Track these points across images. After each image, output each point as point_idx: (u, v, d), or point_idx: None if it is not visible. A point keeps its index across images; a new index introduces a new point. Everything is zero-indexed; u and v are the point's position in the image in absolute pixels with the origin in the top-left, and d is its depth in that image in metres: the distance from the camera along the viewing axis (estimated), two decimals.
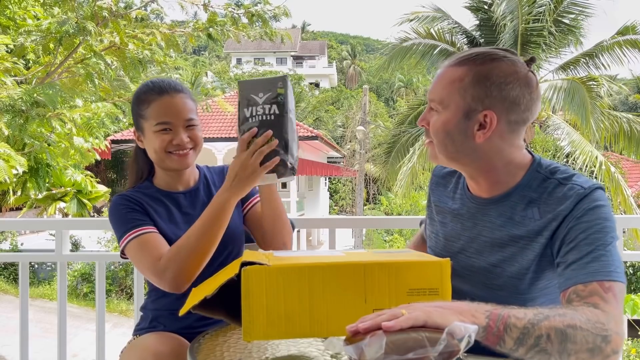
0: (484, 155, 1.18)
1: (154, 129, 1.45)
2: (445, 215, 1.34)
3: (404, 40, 12.01)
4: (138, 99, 1.50)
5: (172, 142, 1.45)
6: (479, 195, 1.25)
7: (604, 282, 1.00)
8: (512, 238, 1.17)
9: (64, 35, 5.37)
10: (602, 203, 1.10)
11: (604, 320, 0.92)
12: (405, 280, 1.00)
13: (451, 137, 1.17)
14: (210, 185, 1.60)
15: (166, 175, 1.54)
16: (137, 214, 1.44)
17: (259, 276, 0.96)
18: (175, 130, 1.45)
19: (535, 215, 1.15)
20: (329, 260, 1.02)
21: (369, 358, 0.74)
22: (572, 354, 0.88)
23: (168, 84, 1.50)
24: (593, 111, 9.59)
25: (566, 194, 1.12)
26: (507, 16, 10.79)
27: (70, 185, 11.48)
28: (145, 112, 1.47)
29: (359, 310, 0.98)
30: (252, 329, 0.96)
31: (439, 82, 1.19)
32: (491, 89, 1.13)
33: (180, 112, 1.46)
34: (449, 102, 1.16)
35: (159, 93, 1.47)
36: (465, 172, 1.25)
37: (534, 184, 1.18)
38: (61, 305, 2.17)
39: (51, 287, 12.76)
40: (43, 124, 5.60)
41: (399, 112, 17.89)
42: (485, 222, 1.23)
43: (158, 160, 1.49)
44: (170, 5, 13.94)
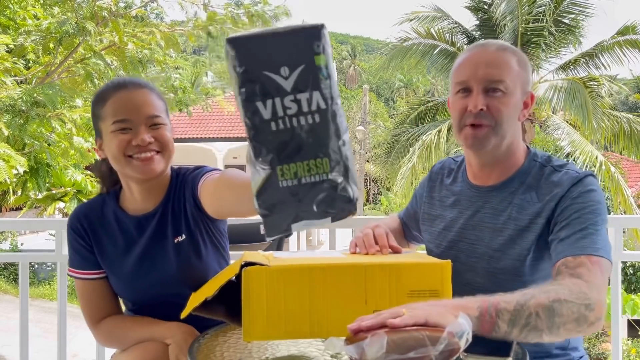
0: (515, 136, 1.26)
1: (110, 129, 1.24)
2: (445, 207, 1.37)
3: (404, 40, 12.02)
4: (96, 98, 1.30)
5: (131, 142, 1.22)
6: (480, 184, 1.30)
7: (592, 256, 1.07)
8: (512, 221, 1.22)
9: (64, 35, 5.37)
10: (595, 188, 1.18)
11: (587, 290, 0.98)
12: (406, 282, 1.00)
13: (511, 118, 1.23)
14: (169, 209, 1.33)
15: (130, 192, 1.33)
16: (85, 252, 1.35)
17: (259, 277, 0.96)
18: (135, 129, 1.23)
19: (534, 199, 1.22)
20: (330, 262, 1.02)
21: (370, 357, 0.74)
22: (560, 326, 0.93)
23: (129, 79, 1.30)
24: (594, 111, 9.60)
25: (562, 178, 1.20)
26: (507, 16, 10.79)
27: (70, 185, 11.47)
28: (101, 111, 1.26)
29: (359, 311, 0.97)
30: (252, 329, 0.96)
31: (499, 66, 1.21)
32: (529, 74, 1.27)
33: (140, 107, 1.24)
34: (514, 85, 1.22)
35: (117, 88, 1.26)
36: (494, 155, 1.25)
37: (532, 170, 1.25)
38: (61, 305, 2.16)
39: (51, 287, 12.75)
40: (43, 124, 5.60)
41: (399, 112, 17.90)
42: (487, 208, 1.27)
43: (119, 169, 1.28)
44: (170, 5, 13.95)
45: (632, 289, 10.36)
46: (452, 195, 1.36)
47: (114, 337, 1.37)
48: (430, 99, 13.25)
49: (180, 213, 1.33)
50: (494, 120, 1.21)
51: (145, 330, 1.32)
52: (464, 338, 0.78)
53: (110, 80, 1.38)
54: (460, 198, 1.34)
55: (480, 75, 1.21)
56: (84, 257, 1.36)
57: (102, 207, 1.38)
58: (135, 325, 1.35)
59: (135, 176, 1.27)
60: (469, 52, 1.27)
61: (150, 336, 1.29)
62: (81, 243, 1.36)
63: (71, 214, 1.38)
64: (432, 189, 1.44)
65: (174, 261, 1.31)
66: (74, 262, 1.38)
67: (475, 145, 1.23)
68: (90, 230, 1.36)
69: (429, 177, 1.47)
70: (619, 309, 2.11)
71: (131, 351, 1.35)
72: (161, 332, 1.28)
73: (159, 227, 1.32)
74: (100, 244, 1.36)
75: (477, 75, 1.21)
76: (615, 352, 2.11)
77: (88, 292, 1.38)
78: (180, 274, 1.31)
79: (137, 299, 1.39)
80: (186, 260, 1.31)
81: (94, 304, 1.38)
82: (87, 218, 1.37)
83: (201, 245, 1.34)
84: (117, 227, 1.36)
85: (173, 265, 1.31)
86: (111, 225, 1.36)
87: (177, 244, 1.32)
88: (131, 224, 1.34)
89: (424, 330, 0.77)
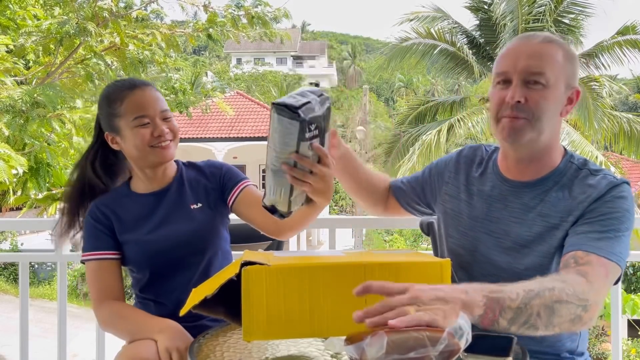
0: (554, 132, 1.23)
1: (132, 125, 1.42)
2: (472, 195, 1.33)
3: (404, 40, 12.02)
4: (108, 98, 1.46)
5: (152, 134, 1.42)
6: (513, 178, 1.27)
7: (602, 258, 1.07)
8: (541, 217, 1.21)
9: (65, 35, 5.38)
10: (628, 195, 1.18)
11: (587, 290, 0.99)
12: (406, 280, 0.99)
13: (551, 113, 1.20)
14: (185, 182, 1.54)
15: (145, 175, 1.51)
16: (101, 234, 1.47)
17: (259, 276, 0.96)
18: (153, 122, 1.43)
19: (566, 196, 1.20)
20: (329, 261, 1.02)
21: (370, 357, 0.74)
22: (556, 325, 0.95)
23: (137, 79, 1.49)
24: (595, 112, 9.59)
25: (599, 181, 1.18)
26: (507, 16, 10.79)
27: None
28: (120, 109, 1.43)
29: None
30: (252, 328, 0.96)
31: (540, 58, 1.18)
32: (576, 68, 1.23)
33: (155, 103, 1.44)
34: (556, 78, 1.18)
35: (131, 88, 1.44)
36: (531, 149, 1.23)
37: (568, 172, 1.23)
38: (61, 305, 2.16)
39: (51, 287, 12.76)
40: (43, 124, 5.60)
41: (399, 112, 17.89)
42: (518, 204, 1.25)
43: (140, 158, 1.46)
44: (170, 6, 13.97)
45: (632, 289, 10.37)
46: (481, 185, 1.33)
47: (112, 322, 1.44)
48: (430, 99, 13.26)
49: (198, 186, 1.53)
50: (531, 114, 1.17)
51: (140, 321, 1.39)
52: (464, 338, 0.78)
53: (117, 80, 1.52)
54: (490, 190, 1.30)
55: (520, 66, 1.17)
56: (99, 238, 1.47)
57: (117, 196, 1.53)
58: (132, 315, 1.43)
59: (155, 162, 1.46)
60: (512, 44, 1.24)
61: (141, 329, 1.36)
62: (98, 227, 1.48)
63: (90, 207, 1.52)
64: (458, 170, 1.39)
65: (189, 224, 1.48)
66: (87, 246, 1.48)
67: (511, 138, 1.20)
68: (111, 212, 1.49)
69: (457, 159, 1.41)
70: (619, 309, 2.11)
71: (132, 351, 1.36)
72: (152, 327, 1.34)
73: (177, 195, 1.52)
74: (120, 220, 1.48)
75: (517, 66, 1.18)
76: (615, 352, 2.11)
77: (97, 271, 1.46)
78: (194, 236, 1.47)
79: (151, 263, 1.48)
80: (200, 224, 1.48)
81: (101, 283, 1.46)
82: (105, 205, 1.50)
83: (215, 216, 1.52)
84: (136, 203, 1.51)
85: (188, 227, 1.47)
86: (129, 204, 1.51)
87: (193, 209, 1.50)
88: (150, 197, 1.51)
89: (424, 330, 0.78)
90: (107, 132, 1.49)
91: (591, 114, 9.50)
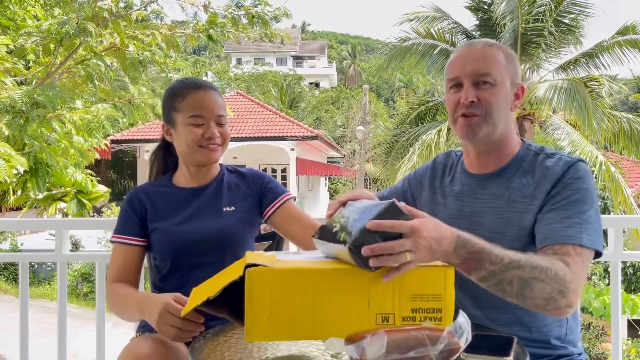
0: (507, 125, 1.34)
1: (186, 121, 1.50)
2: (445, 197, 1.44)
3: (404, 40, 12.01)
4: (172, 92, 1.55)
5: (204, 135, 1.50)
6: (478, 172, 1.38)
7: (577, 247, 1.16)
8: (508, 203, 1.30)
9: (65, 36, 5.37)
10: (587, 174, 1.27)
11: (569, 279, 1.08)
12: (409, 286, 1.00)
13: (502, 108, 1.31)
14: (224, 184, 1.61)
15: (188, 171, 1.59)
16: (130, 221, 1.55)
17: (262, 278, 0.97)
18: (207, 124, 1.50)
19: (529, 181, 1.30)
20: (333, 265, 1.02)
21: (370, 357, 0.75)
22: (527, 298, 1.05)
23: (203, 81, 1.57)
24: (595, 112, 9.58)
25: (556, 162, 1.29)
26: (507, 16, 10.78)
27: (70, 185, 11.47)
28: (180, 104, 1.52)
29: (361, 315, 0.98)
30: (254, 330, 0.97)
31: (485, 60, 1.30)
32: (517, 67, 1.35)
33: (213, 107, 1.52)
34: (502, 77, 1.30)
35: (195, 87, 1.53)
36: (488, 142, 1.33)
37: (527, 157, 1.34)
38: (61, 305, 2.16)
39: (51, 287, 12.75)
40: (43, 124, 5.60)
41: (399, 112, 17.89)
42: (485, 194, 1.35)
43: (187, 154, 1.54)
44: (170, 7, 13.95)
45: (632, 289, 10.36)
46: (452, 186, 1.43)
47: (116, 300, 1.49)
48: (430, 99, 13.24)
49: (236, 191, 1.61)
50: (484, 110, 1.29)
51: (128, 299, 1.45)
52: (464, 337, 0.78)
53: (186, 78, 1.60)
54: (460, 187, 1.40)
55: (468, 70, 1.30)
56: (127, 224, 1.55)
57: (158, 185, 1.62)
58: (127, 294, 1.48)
59: (201, 161, 1.54)
60: (458, 52, 1.36)
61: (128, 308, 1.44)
62: (130, 214, 1.56)
63: (130, 192, 1.60)
64: (434, 177, 1.49)
65: (217, 223, 1.54)
66: (117, 229, 1.57)
67: (469, 134, 1.31)
68: (148, 199, 1.57)
69: (432, 166, 1.53)
70: (619, 309, 2.11)
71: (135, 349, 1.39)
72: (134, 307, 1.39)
73: (213, 194, 1.59)
74: (155, 208, 1.56)
75: (465, 70, 1.30)
76: (615, 352, 2.11)
77: (119, 253, 1.54)
78: (218, 235, 1.52)
79: (173, 253, 1.53)
80: (227, 226, 1.54)
81: (119, 264, 1.53)
82: (145, 193, 1.59)
83: (244, 222, 1.59)
84: (173, 195, 1.59)
85: (215, 226, 1.53)
86: (167, 195, 1.59)
87: (225, 211, 1.57)
88: (187, 192, 1.59)
89: (424, 330, 0.78)
90: (164, 122, 1.58)
91: (590, 114, 9.49)
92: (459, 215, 1.37)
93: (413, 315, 0.98)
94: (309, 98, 38.62)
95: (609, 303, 2.22)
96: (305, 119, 32.74)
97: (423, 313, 0.98)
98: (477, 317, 1.31)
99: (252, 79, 35.37)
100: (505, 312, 1.30)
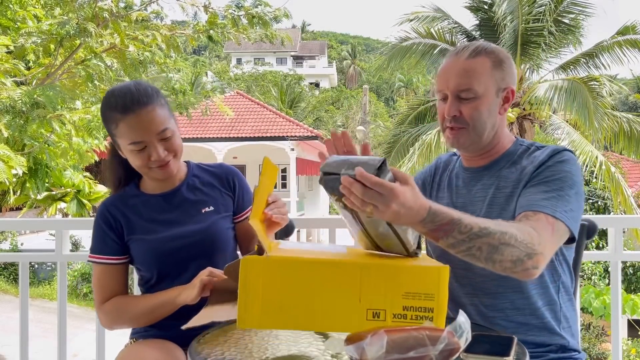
0: (496, 127, 1.37)
1: (128, 148, 1.39)
2: (443, 190, 1.50)
3: (404, 39, 12.00)
4: (104, 116, 1.43)
5: (150, 158, 1.39)
6: (472, 165, 1.44)
7: (548, 216, 1.19)
8: (498, 190, 1.35)
9: (65, 36, 5.38)
10: (571, 160, 1.31)
11: (536, 242, 1.11)
12: (402, 283, 1.00)
13: (486, 118, 1.34)
14: (197, 184, 1.55)
15: (152, 179, 1.51)
16: (108, 239, 1.48)
17: (256, 266, 1.00)
18: (150, 145, 1.38)
19: (518, 169, 1.35)
20: (328, 257, 1.05)
21: (370, 357, 0.75)
22: (496, 262, 1.08)
23: (131, 99, 1.36)
24: (595, 111, 9.57)
25: (543, 151, 1.34)
26: (507, 16, 10.78)
27: (70, 185, 11.48)
28: (116, 132, 1.40)
29: (352, 308, 0.99)
30: (247, 317, 1.00)
31: (466, 75, 1.33)
32: (506, 70, 1.36)
33: (149, 128, 1.37)
34: (485, 88, 1.33)
35: (123, 112, 1.36)
36: (476, 148, 1.39)
37: (518, 151, 1.39)
38: (61, 305, 2.16)
39: (51, 287, 12.76)
40: (43, 125, 5.60)
41: (399, 112, 17.87)
42: (478, 185, 1.40)
43: (143, 173, 1.47)
44: (170, 7, 13.94)
45: (632, 289, 10.36)
46: (450, 179, 1.49)
47: (119, 312, 1.45)
48: (430, 99, 13.22)
49: (211, 190, 1.55)
50: (467, 123, 1.34)
51: (155, 297, 1.42)
52: (464, 337, 0.78)
53: (112, 97, 1.41)
54: (457, 181, 1.47)
55: (451, 85, 1.34)
56: (106, 243, 1.48)
57: (126, 197, 1.53)
58: (143, 297, 1.47)
59: (156, 178, 1.46)
60: (445, 62, 1.39)
61: (162, 299, 1.40)
62: (106, 231, 1.48)
63: (99, 207, 1.53)
64: (436, 174, 1.55)
65: (199, 226, 1.49)
66: (94, 248, 1.50)
67: (455, 145, 1.39)
68: (120, 214, 1.49)
69: (435, 165, 1.58)
70: (619, 309, 2.11)
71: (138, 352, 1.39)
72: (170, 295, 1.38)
73: (187, 197, 1.52)
74: (129, 221, 1.49)
75: (449, 84, 1.34)
76: (615, 352, 2.11)
77: (102, 275, 1.48)
78: (203, 238, 1.48)
79: (159, 263, 1.48)
80: (210, 227, 1.49)
81: (105, 286, 1.48)
82: (114, 206, 1.51)
83: (226, 219, 1.54)
84: (145, 204, 1.51)
85: (197, 229, 1.48)
86: (139, 205, 1.51)
87: (204, 212, 1.51)
88: (159, 198, 1.52)
89: (424, 330, 0.78)
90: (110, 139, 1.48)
91: (592, 113, 9.48)
92: (456, 205, 1.40)
93: (404, 313, 0.99)
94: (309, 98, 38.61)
95: (609, 303, 2.22)
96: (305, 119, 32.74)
97: (415, 312, 0.99)
98: (474, 305, 1.35)
99: (252, 79, 35.37)
100: (499, 297, 1.33)
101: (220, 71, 38.13)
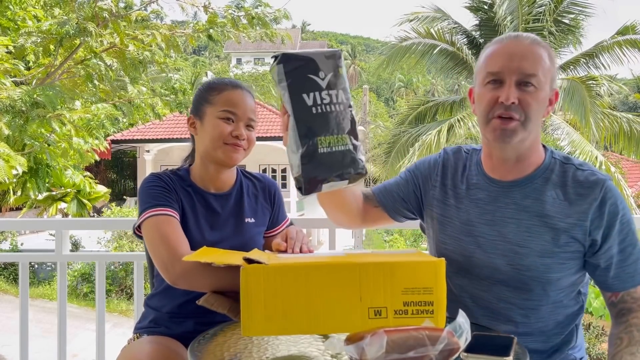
0: (537, 132, 1.25)
1: (217, 114, 1.45)
2: (460, 200, 1.33)
3: (403, 39, 12.00)
4: (209, 85, 1.52)
5: (232, 133, 1.45)
6: (500, 178, 1.28)
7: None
8: (539, 217, 1.22)
9: (65, 36, 5.38)
10: (619, 197, 1.22)
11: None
12: (400, 280, 1.02)
13: (539, 115, 1.22)
14: (244, 192, 1.57)
15: (205, 170, 1.51)
16: (167, 193, 1.42)
17: (257, 275, 1.01)
18: (237, 122, 1.46)
19: (560, 197, 1.22)
20: (325, 260, 1.07)
21: (370, 357, 0.75)
22: None
23: (243, 83, 1.54)
24: (592, 110, 9.58)
25: (588, 178, 1.22)
26: (507, 16, 10.78)
27: (70, 185, 11.47)
28: (214, 97, 1.48)
29: (354, 308, 1.01)
30: (251, 325, 1.01)
31: (533, 60, 1.19)
32: (556, 70, 1.25)
33: (247, 108, 1.48)
34: (544, 80, 1.20)
35: (233, 86, 1.50)
36: (514, 152, 1.25)
37: (554, 167, 1.26)
38: (61, 305, 2.17)
39: (51, 287, 12.74)
40: (43, 124, 5.60)
41: (399, 112, 17.88)
42: (510, 204, 1.25)
43: (210, 149, 1.46)
44: (170, 7, 13.92)
45: None
46: (468, 188, 1.33)
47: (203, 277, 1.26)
48: (430, 99, 13.24)
49: (255, 201, 1.58)
50: (524, 115, 1.19)
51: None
52: (464, 337, 0.78)
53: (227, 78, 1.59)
54: (479, 192, 1.30)
55: (514, 67, 1.18)
56: (169, 199, 1.42)
57: (181, 181, 1.51)
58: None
59: (222, 159, 1.47)
60: (502, 43, 1.23)
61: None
62: (168, 190, 1.44)
63: (151, 175, 1.48)
64: (445, 176, 1.39)
65: (240, 237, 1.51)
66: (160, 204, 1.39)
67: (503, 138, 1.20)
68: (179, 188, 1.48)
69: (442, 162, 1.41)
70: None
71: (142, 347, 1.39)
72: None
73: (236, 204, 1.54)
74: (182, 203, 1.46)
75: (511, 67, 1.18)
76: None
77: (173, 227, 1.36)
78: (239, 249, 1.42)
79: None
80: (249, 239, 1.51)
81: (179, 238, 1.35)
82: (171, 180, 1.48)
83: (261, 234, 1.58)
84: (195, 197, 1.50)
85: (238, 240, 1.50)
86: (190, 195, 1.50)
87: (247, 223, 1.54)
88: (210, 197, 1.52)
89: (424, 329, 0.78)
90: (191, 114, 1.53)
91: (588, 112, 9.49)
92: (479, 222, 1.28)
93: (405, 308, 1.00)
94: None
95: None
96: None
97: (415, 306, 1.00)
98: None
99: (252, 79, 35.31)
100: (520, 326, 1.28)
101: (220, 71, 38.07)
